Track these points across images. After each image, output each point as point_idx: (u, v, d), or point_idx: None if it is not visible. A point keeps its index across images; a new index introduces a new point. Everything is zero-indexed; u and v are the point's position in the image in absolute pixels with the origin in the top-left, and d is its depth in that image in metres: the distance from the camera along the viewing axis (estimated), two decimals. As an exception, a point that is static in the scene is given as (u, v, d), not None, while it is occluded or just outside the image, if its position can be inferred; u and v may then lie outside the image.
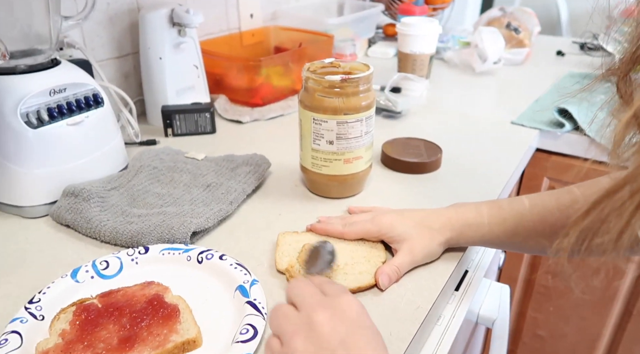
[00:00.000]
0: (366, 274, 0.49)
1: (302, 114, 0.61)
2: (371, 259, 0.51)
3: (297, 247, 0.52)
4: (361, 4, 1.36)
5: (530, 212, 0.51)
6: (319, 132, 0.59)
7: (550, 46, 1.40)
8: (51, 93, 0.57)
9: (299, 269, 0.49)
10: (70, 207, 0.57)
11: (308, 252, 0.48)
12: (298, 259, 0.50)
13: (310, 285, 0.39)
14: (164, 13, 0.78)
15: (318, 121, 0.58)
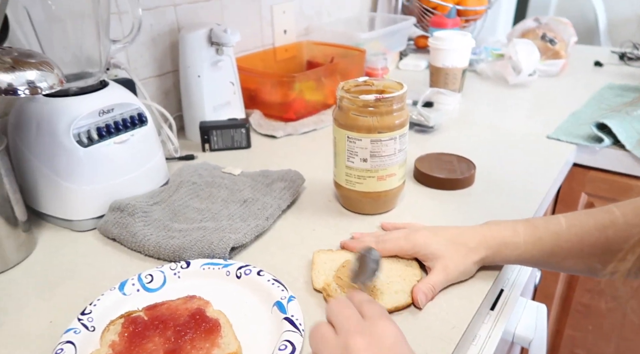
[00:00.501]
0: (402, 293, 0.49)
1: (336, 132, 0.62)
2: (407, 278, 0.51)
3: (332, 265, 0.53)
4: (392, 17, 1.37)
5: (567, 232, 0.50)
6: (353, 150, 0.60)
7: (587, 56, 1.37)
8: (100, 113, 0.60)
9: (335, 288, 0.50)
10: (117, 222, 0.60)
11: (354, 261, 0.48)
12: (338, 272, 0.51)
13: (350, 307, 0.39)
14: (203, 33, 0.82)
15: (352, 139, 0.59)
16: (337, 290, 0.49)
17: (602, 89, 1.11)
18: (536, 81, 1.16)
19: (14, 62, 0.45)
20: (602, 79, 1.19)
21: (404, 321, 0.47)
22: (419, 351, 0.44)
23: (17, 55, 0.47)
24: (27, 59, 0.47)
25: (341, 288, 0.50)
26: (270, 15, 1.07)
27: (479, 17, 1.41)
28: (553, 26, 1.27)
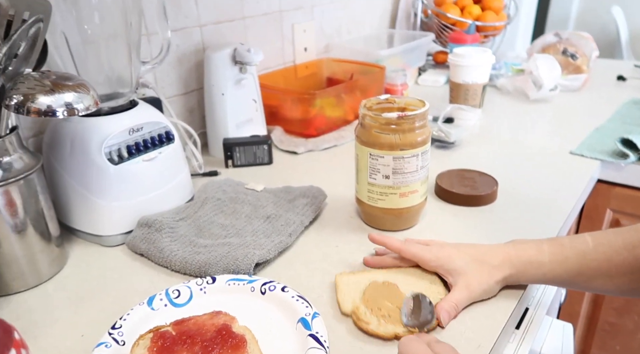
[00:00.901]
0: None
1: (358, 149, 0.63)
2: (432, 295, 0.51)
3: (357, 288, 0.53)
4: (411, 34, 1.38)
5: (594, 251, 0.49)
6: (376, 167, 0.60)
7: (610, 70, 1.36)
8: (130, 132, 0.62)
9: (365, 311, 0.49)
10: (144, 237, 0.62)
11: (408, 302, 0.48)
12: (366, 294, 0.51)
13: (423, 345, 0.40)
14: (227, 53, 0.84)
15: (375, 156, 0.60)
16: (367, 313, 0.49)
17: (625, 103, 1.10)
18: (558, 96, 1.16)
19: (53, 85, 0.48)
20: (626, 94, 1.17)
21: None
22: (444, 370, 0.44)
23: (55, 78, 0.49)
24: (65, 82, 0.49)
25: (371, 311, 0.49)
26: (292, 33, 1.09)
27: (498, 33, 1.42)
28: (574, 41, 1.26)
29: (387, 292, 0.52)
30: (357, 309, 0.49)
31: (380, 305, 0.50)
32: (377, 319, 0.48)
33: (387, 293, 0.52)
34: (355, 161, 0.64)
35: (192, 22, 0.88)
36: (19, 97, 0.46)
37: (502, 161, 0.85)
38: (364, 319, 0.48)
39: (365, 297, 0.51)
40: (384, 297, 0.51)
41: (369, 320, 0.48)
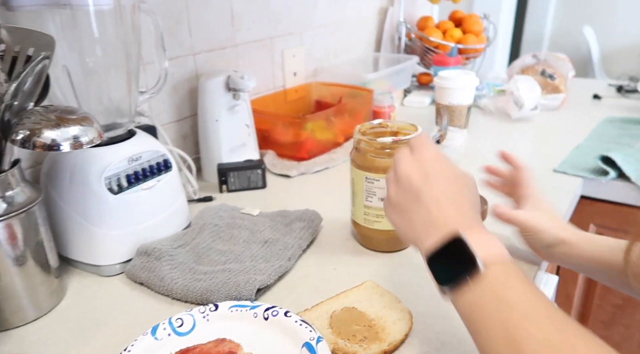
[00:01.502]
0: (400, 321, 0.52)
1: (354, 173, 0.65)
2: (392, 307, 0.54)
3: (321, 324, 0.53)
4: (396, 57, 1.42)
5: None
6: (372, 190, 0.62)
7: (585, 89, 1.41)
8: (129, 161, 0.63)
9: (345, 343, 0.50)
10: (144, 266, 0.62)
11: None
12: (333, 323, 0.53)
13: (408, 158, 0.47)
14: (221, 80, 0.86)
15: (370, 179, 0.62)
16: (347, 344, 0.50)
17: (602, 122, 1.15)
18: (538, 116, 1.20)
19: (58, 119, 0.49)
20: (602, 112, 1.23)
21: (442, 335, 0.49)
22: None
23: (59, 113, 0.50)
24: (69, 116, 0.50)
25: (349, 341, 0.50)
26: (282, 59, 1.12)
27: (478, 55, 1.47)
28: (551, 62, 1.32)
29: (350, 317, 0.53)
30: (337, 345, 0.50)
31: (353, 331, 0.51)
32: (359, 346, 0.50)
33: (350, 318, 0.53)
34: (351, 185, 0.66)
35: (185, 51, 0.89)
36: (25, 132, 0.47)
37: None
38: (350, 351, 0.49)
39: (335, 331, 0.52)
40: (350, 323, 0.52)
41: (354, 350, 0.49)
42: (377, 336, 0.51)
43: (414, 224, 0.43)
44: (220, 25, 0.95)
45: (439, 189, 0.43)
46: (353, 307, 0.55)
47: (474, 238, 0.38)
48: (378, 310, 0.54)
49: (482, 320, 0.36)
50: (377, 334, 0.51)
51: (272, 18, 1.07)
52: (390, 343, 0.50)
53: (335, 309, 0.55)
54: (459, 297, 0.38)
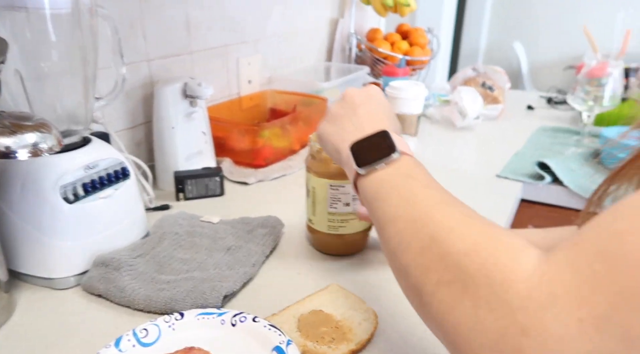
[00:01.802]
0: (365, 322, 0.54)
1: (314, 182, 0.66)
2: (357, 308, 0.56)
3: (289, 327, 0.54)
4: (347, 67, 1.46)
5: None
6: (336, 196, 0.64)
7: (520, 101, 1.52)
8: (85, 169, 0.61)
9: (314, 345, 0.51)
10: (102, 277, 0.60)
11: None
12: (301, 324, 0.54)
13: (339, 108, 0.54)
14: (177, 87, 0.85)
15: (335, 186, 0.64)
16: (316, 346, 0.51)
17: (536, 131, 1.25)
18: (480, 125, 1.28)
19: (13, 126, 0.47)
20: (535, 121, 1.33)
21: (397, 353, 0.51)
22: (413, 384, 0.48)
23: (13, 119, 0.48)
24: (24, 122, 0.48)
25: (317, 342, 0.51)
26: (237, 67, 1.12)
27: (424, 66, 1.54)
28: (490, 74, 1.41)
29: (317, 320, 0.55)
30: (306, 347, 0.51)
31: (321, 333, 0.53)
32: (328, 346, 0.51)
33: (318, 320, 0.55)
34: (310, 194, 0.67)
35: (140, 56, 0.88)
36: (-22, 140, 0.44)
37: (439, 185, 0.92)
38: (319, 352, 0.50)
39: (304, 333, 0.53)
40: (318, 325, 0.54)
41: (323, 351, 0.51)
42: (345, 337, 0.52)
43: (346, 128, 0.49)
44: (175, 31, 0.94)
45: (374, 108, 0.51)
46: (320, 310, 0.56)
47: (395, 137, 0.45)
48: (344, 312, 0.56)
49: (388, 191, 0.40)
50: (344, 334, 0.53)
51: (227, 26, 1.07)
52: (358, 343, 0.51)
53: (302, 313, 0.56)
54: (371, 176, 0.43)
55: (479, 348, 0.26)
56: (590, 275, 0.24)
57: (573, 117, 1.37)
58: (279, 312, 0.57)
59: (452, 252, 0.31)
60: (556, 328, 0.24)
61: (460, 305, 0.28)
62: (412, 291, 0.34)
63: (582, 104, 1.08)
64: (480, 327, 0.27)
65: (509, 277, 0.27)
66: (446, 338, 0.30)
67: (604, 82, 1.07)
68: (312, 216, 0.68)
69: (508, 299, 0.26)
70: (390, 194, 0.40)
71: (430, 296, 0.31)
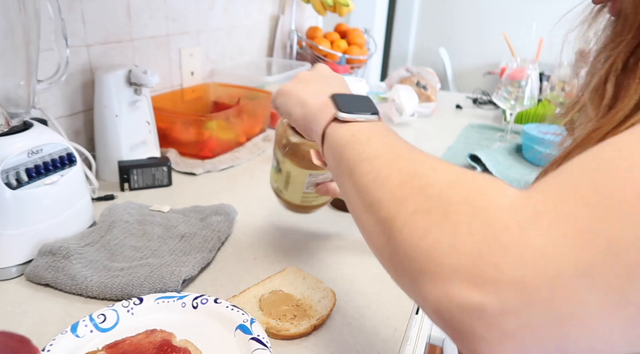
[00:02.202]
0: (324, 299, 0.57)
1: (290, 168, 0.63)
2: (315, 287, 0.59)
3: (251, 307, 0.55)
4: (288, 63, 1.48)
5: None
6: (313, 182, 0.64)
7: (449, 100, 1.63)
8: (29, 154, 0.58)
9: (291, 322, 0.53)
10: (49, 266, 0.57)
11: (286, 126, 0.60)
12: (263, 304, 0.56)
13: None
14: (121, 74, 0.82)
15: (315, 175, 0.63)
16: (279, 323, 0.53)
17: (465, 127, 1.35)
18: (415, 121, 1.36)
19: (-43, 102, 0.44)
20: (464, 119, 1.43)
21: (357, 323, 0.54)
22: (371, 352, 0.51)
23: (-43, 94, 0.45)
24: (-31, 98, 0.45)
25: (280, 320, 0.53)
26: (179, 57, 1.10)
27: (362, 65, 1.60)
28: (423, 75, 1.50)
29: (278, 299, 0.57)
30: (269, 324, 0.53)
31: (283, 312, 0.55)
32: (290, 323, 0.54)
33: (279, 299, 0.57)
34: (284, 173, 0.65)
35: (78, 41, 0.84)
36: None
37: (382, 175, 0.97)
38: (283, 329, 0.52)
39: (266, 312, 0.55)
40: (279, 304, 0.56)
41: (286, 327, 0.53)
42: (306, 314, 0.55)
43: (319, 88, 0.49)
44: (116, 17, 0.91)
45: (344, 82, 0.53)
46: (279, 290, 0.58)
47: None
48: (303, 291, 0.58)
49: (368, 136, 0.40)
50: (305, 312, 0.55)
51: (169, 16, 1.05)
52: (318, 318, 0.54)
53: (262, 293, 0.58)
54: (349, 124, 0.42)
55: (454, 271, 0.25)
56: (573, 192, 0.24)
57: (496, 115, 1.49)
58: (240, 294, 0.58)
59: (434, 185, 0.30)
60: (539, 244, 0.23)
61: (436, 230, 0.27)
62: (380, 225, 0.32)
63: (505, 102, 1.19)
64: (458, 249, 0.25)
65: (493, 202, 0.27)
66: (414, 265, 0.28)
67: (523, 84, 1.18)
68: (284, 190, 0.66)
69: (490, 220, 0.25)
70: (370, 139, 0.39)
71: (402, 225, 0.29)
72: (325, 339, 0.52)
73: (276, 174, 0.67)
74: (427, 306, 0.27)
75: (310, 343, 0.52)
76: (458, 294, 0.25)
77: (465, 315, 0.25)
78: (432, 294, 0.26)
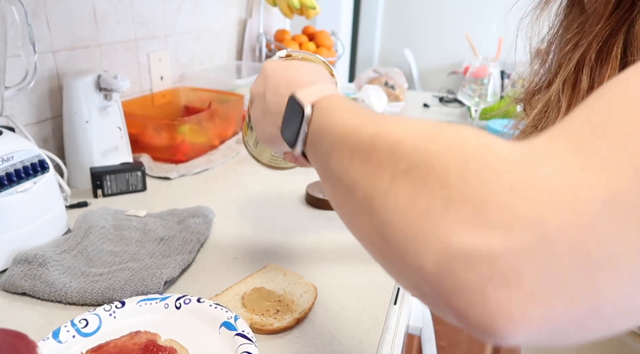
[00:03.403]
0: (306, 294, 0.58)
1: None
2: (296, 283, 0.60)
3: (234, 305, 0.56)
4: (257, 66, 1.49)
5: None
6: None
7: (416, 99, 1.68)
8: (0, 162, 0.57)
9: (274, 317, 0.54)
10: (26, 274, 0.56)
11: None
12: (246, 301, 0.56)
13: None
14: (90, 79, 0.81)
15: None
16: (262, 318, 0.54)
17: (433, 124, 1.39)
18: (385, 120, 1.39)
19: None
20: (432, 117, 1.48)
21: (337, 316, 0.56)
22: (353, 341, 0.53)
23: None
24: (-61, 105, 0.44)
25: (263, 315, 0.54)
26: (148, 62, 1.09)
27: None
28: (391, 75, 1.54)
29: (261, 295, 0.58)
30: (253, 320, 0.54)
31: (266, 307, 0.56)
32: (274, 318, 0.55)
33: (261, 296, 0.58)
34: (255, 135, 0.60)
35: (44, 46, 0.82)
36: None
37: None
38: (267, 323, 0.53)
39: (249, 309, 0.56)
40: (262, 300, 0.57)
41: (270, 322, 0.54)
42: (289, 308, 0.56)
43: (281, 86, 0.44)
44: (82, 22, 0.90)
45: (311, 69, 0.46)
46: (261, 287, 0.59)
47: (311, 89, 0.39)
48: (285, 287, 0.59)
49: (323, 136, 0.35)
50: (287, 306, 0.56)
51: (136, 20, 1.04)
52: (301, 312, 0.55)
53: (244, 291, 0.58)
54: (306, 139, 0.38)
55: (454, 222, 0.21)
56: (586, 128, 0.21)
57: (462, 113, 1.54)
58: (222, 292, 0.58)
59: (405, 140, 0.25)
60: (556, 179, 0.20)
61: (424, 191, 0.22)
62: (362, 208, 0.27)
63: (470, 99, 1.24)
64: (455, 202, 0.21)
65: (485, 146, 0.22)
66: (407, 234, 0.23)
67: (485, 82, 1.23)
68: (254, 147, 0.64)
69: (487, 164, 0.21)
70: (326, 137, 0.34)
71: (384, 198, 0.25)
72: (308, 331, 0.54)
73: (248, 130, 0.64)
74: (426, 277, 0.22)
75: (294, 336, 0.53)
76: (460, 242, 0.20)
77: (471, 270, 0.20)
78: (429, 256, 0.21)
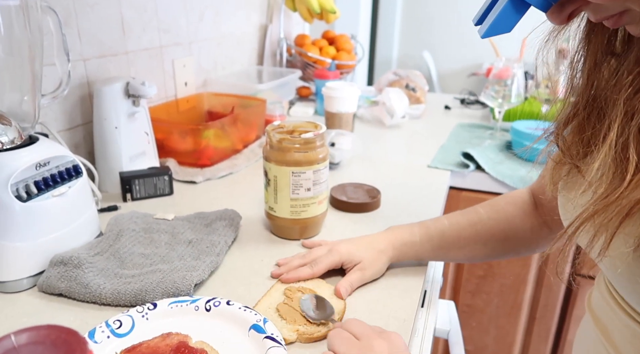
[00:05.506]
0: (333, 298, 0.59)
1: (275, 171, 0.69)
2: (323, 286, 0.61)
3: (273, 316, 0.56)
4: (278, 71, 1.50)
5: (449, 229, 0.65)
6: (298, 182, 0.68)
7: (437, 102, 1.67)
8: (37, 167, 0.59)
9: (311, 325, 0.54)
10: (62, 276, 0.58)
11: (309, 302, 0.56)
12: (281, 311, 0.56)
13: (346, 333, 0.48)
14: (119, 86, 0.83)
15: (297, 173, 0.67)
16: (307, 327, 0.54)
17: (456, 127, 1.38)
18: (406, 123, 1.39)
19: (-28, 117, 0.45)
20: (453, 119, 1.47)
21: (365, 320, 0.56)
22: (383, 343, 0.53)
23: (-30, 110, 0.46)
24: (-18, 114, 0.46)
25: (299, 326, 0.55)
26: (172, 69, 1.12)
27: (351, 70, 1.63)
28: (412, 77, 1.53)
29: (293, 304, 0.57)
30: (299, 331, 0.53)
31: (302, 315, 0.56)
32: (316, 326, 0.54)
33: (294, 305, 0.57)
34: (271, 183, 0.70)
35: (75, 55, 0.85)
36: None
37: (377, 176, 1.00)
38: (315, 331, 0.53)
39: (290, 320, 0.55)
40: (296, 309, 0.57)
41: (316, 330, 0.53)
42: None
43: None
44: (110, 31, 0.92)
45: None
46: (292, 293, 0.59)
47: None
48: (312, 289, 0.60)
49: None
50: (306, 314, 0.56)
51: (161, 28, 1.07)
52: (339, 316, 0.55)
53: (278, 302, 0.58)
54: None
55: None
56: None
57: (484, 114, 1.53)
58: (254, 306, 0.57)
59: None
60: None
61: None
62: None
63: (493, 101, 1.22)
64: None
65: None
66: None
67: (509, 83, 1.22)
68: (274, 204, 0.71)
69: None
70: None
71: None
72: (337, 334, 0.54)
73: (266, 193, 0.72)
74: None
75: (324, 341, 0.53)
76: None
77: None
78: None
